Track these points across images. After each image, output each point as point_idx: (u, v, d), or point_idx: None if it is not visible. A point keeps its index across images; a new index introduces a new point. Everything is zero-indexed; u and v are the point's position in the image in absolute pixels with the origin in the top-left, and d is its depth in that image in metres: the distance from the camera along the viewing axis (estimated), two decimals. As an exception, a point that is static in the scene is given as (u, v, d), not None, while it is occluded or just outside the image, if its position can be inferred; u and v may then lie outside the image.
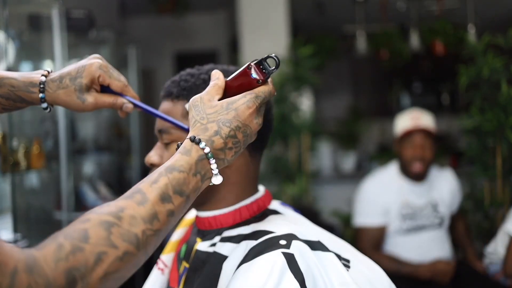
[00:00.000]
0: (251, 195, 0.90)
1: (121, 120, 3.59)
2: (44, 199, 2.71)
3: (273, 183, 3.38)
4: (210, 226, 0.89)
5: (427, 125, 2.24)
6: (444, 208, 2.28)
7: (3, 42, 1.93)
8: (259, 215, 0.89)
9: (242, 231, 0.85)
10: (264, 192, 0.93)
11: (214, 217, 0.89)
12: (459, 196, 2.41)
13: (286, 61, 3.38)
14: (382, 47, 4.75)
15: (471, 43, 2.58)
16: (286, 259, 0.74)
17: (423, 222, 2.23)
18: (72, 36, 2.74)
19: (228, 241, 0.84)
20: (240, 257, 0.78)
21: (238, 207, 0.88)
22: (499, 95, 2.34)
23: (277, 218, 0.87)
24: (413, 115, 2.29)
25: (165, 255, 1.03)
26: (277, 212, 0.90)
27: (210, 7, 5.45)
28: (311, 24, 5.35)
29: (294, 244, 0.77)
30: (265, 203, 0.91)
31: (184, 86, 0.87)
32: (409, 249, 2.18)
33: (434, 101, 6.24)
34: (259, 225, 0.84)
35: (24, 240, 1.97)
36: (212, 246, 0.86)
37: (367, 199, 2.26)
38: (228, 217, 0.88)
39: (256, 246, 0.77)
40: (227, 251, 0.82)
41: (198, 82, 0.87)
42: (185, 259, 0.94)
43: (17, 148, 2.05)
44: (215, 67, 0.90)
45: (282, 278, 0.72)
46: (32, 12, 2.50)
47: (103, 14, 4.03)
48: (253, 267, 0.74)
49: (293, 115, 3.37)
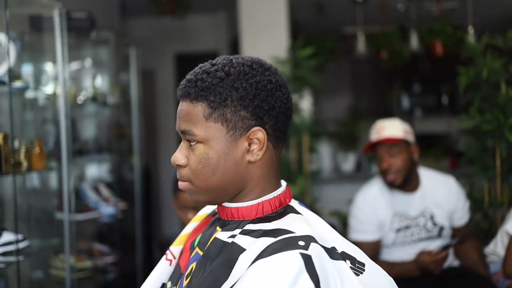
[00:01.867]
0: (275, 189, 0.91)
1: (122, 121, 3.60)
2: (45, 200, 2.72)
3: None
4: (232, 217, 0.90)
5: (390, 134, 2.10)
6: (442, 219, 2.14)
7: (5, 43, 1.94)
8: (280, 211, 0.89)
9: (263, 226, 0.85)
10: (286, 187, 0.94)
11: (237, 209, 0.90)
12: (461, 207, 2.18)
13: (286, 62, 3.39)
14: (382, 47, 4.76)
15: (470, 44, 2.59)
16: (304, 260, 0.75)
17: (420, 233, 2.13)
18: (73, 37, 2.75)
19: (248, 235, 0.85)
20: (257, 252, 0.79)
21: (261, 201, 0.89)
22: (498, 95, 2.35)
23: (298, 218, 0.87)
24: (376, 127, 2.17)
25: (174, 247, 1.04)
26: (297, 212, 0.90)
27: (210, 8, 5.46)
28: (311, 25, 5.36)
29: (312, 246, 0.78)
30: (286, 199, 0.92)
31: (202, 86, 0.86)
32: (406, 260, 2.13)
33: (434, 101, 6.25)
34: (280, 223, 0.85)
35: (25, 241, 1.97)
36: (231, 237, 0.87)
37: (359, 219, 2.16)
38: (251, 210, 0.89)
39: (274, 244, 0.78)
40: (246, 244, 0.83)
41: (215, 81, 0.85)
42: (199, 246, 0.95)
43: (18, 148, 2.06)
44: (230, 60, 0.89)
45: (298, 279, 0.73)
46: (33, 13, 2.50)
47: (104, 15, 4.04)
48: (270, 264, 0.75)
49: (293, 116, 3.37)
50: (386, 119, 2.22)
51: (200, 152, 0.86)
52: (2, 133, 1.89)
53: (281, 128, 0.89)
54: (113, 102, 3.31)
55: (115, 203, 3.01)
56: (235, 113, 0.85)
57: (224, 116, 0.85)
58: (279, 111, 0.87)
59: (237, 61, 0.88)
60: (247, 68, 0.86)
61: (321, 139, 4.40)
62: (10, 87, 1.92)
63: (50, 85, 2.57)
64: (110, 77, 3.43)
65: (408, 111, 6.23)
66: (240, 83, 0.85)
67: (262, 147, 0.86)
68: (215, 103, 0.85)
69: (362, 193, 2.23)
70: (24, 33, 2.50)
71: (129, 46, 3.57)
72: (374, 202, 2.16)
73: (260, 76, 0.86)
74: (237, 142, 0.86)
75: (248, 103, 0.85)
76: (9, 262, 1.90)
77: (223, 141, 0.85)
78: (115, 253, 3.00)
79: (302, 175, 3.36)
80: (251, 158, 0.87)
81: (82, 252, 2.74)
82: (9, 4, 1.89)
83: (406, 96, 6.28)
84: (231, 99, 0.84)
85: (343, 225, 3.39)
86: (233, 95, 0.84)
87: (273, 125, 0.87)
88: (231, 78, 0.85)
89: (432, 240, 2.15)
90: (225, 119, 0.85)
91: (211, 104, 0.85)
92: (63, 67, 2.35)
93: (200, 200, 0.90)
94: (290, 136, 3.36)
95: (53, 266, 2.55)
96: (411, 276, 2.02)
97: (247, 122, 0.85)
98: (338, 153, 4.87)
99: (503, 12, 5.11)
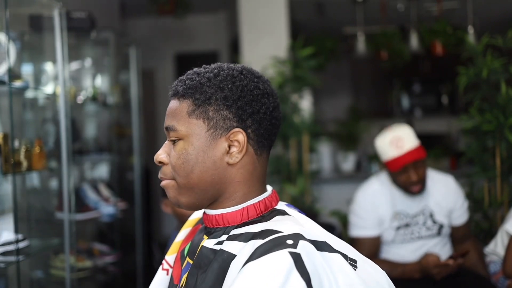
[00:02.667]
0: (258, 194, 0.91)
1: (122, 121, 3.60)
2: (45, 200, 2.72)
3: (274, 183, 3.39)
4: (218, 224, 0.91)
5: (411, 147, 2.05)
6: (441, 217, 2.16)
7: (5, 43, 1.94)
8: (266, 215, 0.89)
9: (250, 229, 0.85)
10: (272, 192, 0.94)
11: (221, 215, 0.90)
12: (459, 205, 2.19)
13: (286, 62, 3.39)
14: (382, 48, 4.76)
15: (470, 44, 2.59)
16: (293, 258, 0.75)
17: (419, 231, 2.14)
18: (73, 37, 2.75)
19: (235, 240, 0.85)
20: (247, 255, 0.79)
21: (245, 206, 0.89)
22: (498, 95, 2.35)
23: (284, 218, 0.87)
24: (392, 139, 2.07)
25: (169, 256, 1.04)
26: (285, 213, 0.90)
27: (210, 8, 5.46)
28: (311, 25, 5.36)
29: (301, 244, 0.77)
30: (272, 203, 0.92)
31: (190, 84, 0.88)
32: (407, 258, 2.13)
33: (434, 101, 6.25)
34: (267, 224, 0.85)
35: (25, 240, 1.98)
36: (218, 244, 0.87)
37: (359, 215, 2.17)
38: (236, 216, 0.89)
39: (263, 245, 0.78)
40: (236, 250, 0.83)
41: (202, 80, 0.88)
42: (189, 256, 0.95)
43: (18, 148, 2.06)
44: (221, 65, 0.91)
45: (289, 278, 0.73)
46: (33, 13, 2.50)
47: (104, 15, 4.04)
48: (260, 266, 0.75)
49: (293, 116, 3.38)
50: (396, 128, 2.14)
51: (180, 147, 0.88)
52: (2, 133, 1.89)
53: (264, 135, 0.89)
54: (113, 102, 3.31)
55: (115, 203, 3.01)
56: (217, 111, 0.86)
57: (206, 114, 0.87)
58: (263, 117, 0.88)
59: (228, 66, 0.91)
60: (236, 73, 0.89)
61: (321, 139, 4.41)
62: (10, 87, 1.92)
63: (50, 85, 2.57)
64: (110, 77, 3.43)
65: (408, 111, 6.23)
66: (226, 84, 0.87)
67: (242, 149, 0.87)
68: (199, 101, 0.87)
69: (362, 190, 2.24)
70: (24, 33, 2.50)
71: (129, 46, 3.58)
72: (374, 198, 2.17)
73: (248, 81, 0.88)
74: (217, 141, 0.87)
75: (231, 103, 0.86)
76: (9, 262, 1.90)
77: (203, 138, 0.87)
78: (115, 253, 3.00)
79: (302, 175, 3.36)
80: (230, 160, 0.87)
81: (82, 252, 2.74)
82: (9, 4, 1.89)
83: (406, 96, 6.28)
84: (215, 98, 0.86)
85: (344, 225, 3.39)
86: (218, 94, 0.86)
87: (256, 130, 0.88)
88: (219, 79, 0.87)
89: (431, 238, 2.16)
90: (207, 117, 0.87)
91: (196, 101, 0.87)
92: (63, 67, 2.35)
93: (180, 200, 0.91)
94: (290, 136, 3.36)
95: (53, 266, 2.55)
96: (412, 277, 2.03)
97: (229, 122, 0.87)
98: (338, 153, 4.88)
99: (503, 12, 5.11)
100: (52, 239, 2.44)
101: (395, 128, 2.13)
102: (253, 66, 0.99)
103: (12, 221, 1.91)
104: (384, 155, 2.10)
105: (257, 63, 3.43)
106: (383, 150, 2.10)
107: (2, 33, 1.98)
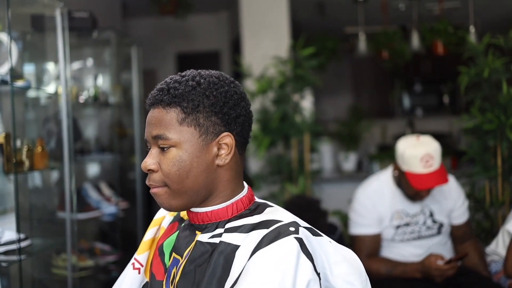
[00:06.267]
0: (242, 189, 0.99)
1: (124, 121, 3.60)
2: (47, 199, 2.73)
3: (275, 183, 3.39)
4: (209, 220, 0.96)
5: (437, 167, 2.01)
6: (441, 216, 2.15)
7: (7, 43, 1.95)
8: (253, 207, 0.97)
9: (247, 221, 0.93)
10: (247, 187, 1.01)
11: (211, 212, 0.96)
12: (460, 205, 2.19)
13: (287, 62, 3.39)
14: (383, 47, 4.75)
15: (471, 43, 2.59)
16: (299, 242, 0.86)
17: (420, 230, 2.14)
18: (74, 37, 2.76)
19: (235, 232, 0.92)
20: (253, 244, 0.87)
21: (234, 201, 0.96)
22: (500, 95, 2.35)
23: (277, 209, 0.96)
24: (424, 156, 2.00)
25: (140, 255, 1.08)
26: (269, 205, 0.98)
27: (212, 8, 5.46)
28: (312, 25, 5.36)
29: (301, 230, 0.88)
30: (252, 196, 1.00)
31: (175, 93, 0.92)
32: (407, 256, 2.13)
33: (435, 101, 6.24)
34: (264, 216, 0.93)
35: (27, 240, 1.98)
36: (214, 237, 0.93)
37: (359, 212, 2.17)
38: (226, 211, 0.96)
39: (268, 234, 0.87)
40: (238, 241, 0.90)
41: (187, 89, 0.92)
42: (175, 251, 0.99)
43: (20, 148, 2.07)
44: (198, 72, 0.96)
45: (299, 259, 0.84)
46: (35, 13, 2.51)
47: (105, 15, 4.05)
48: (271, 252, 0.85)
49: (294, 116, 3.38)
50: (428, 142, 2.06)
51: (173, 155, 0.92)
52: (4, 132, 1.89)
53: (245, 135, 0.98)
54: (115, 101, 3.32)
55: (117, 203, 3.02)
56: (207, 118, 0.92)
57: (197, 121, 0.92)
58: (244, 119, 0.96)
59: (205, 73, 0.96)
60: (215, 79, 0.95)
61: (322, 139, 4.41)
62: (12, 87, 1.92)
63: (52, 84, 2.57)
64: (111, 76, 3.43)
65: (409, 110, 6.22)
66: (211, 91, 0.93)
67: (230, 151, 0.94)
68: (188, 109, 0.92)
69: (362, 188, 2.24)
70: (26, 33, 2.51)
71: (130, 45, 3.58)
72: (374, 197, 2.18)
73: (227, 87, 0.95)
74: (208, 146, 0.93)
75: (218, 110, 0.93)
76: (11, 261, 1.90)
77: (196, 145, 0.92)
78: (116, 252, 3.01)
79: (303, 175, 3.36)
80: (220, 162, 0.94)
81: (83, 251, 2.74)
82: (11, 4, 1.89)
83: (407, 95, 6.28)
84: (203, 106, 0.92)
85: (345, 225, 3.39)
86: (205, 102, 0.92)
87: (239, 132, 0.96)
88: (202, 87, 0.93)
89: (431, 237, 2.16)
90: (198, 124, 0.92)
91: (185, 109, 0.92)
92: (64, 66, 2.35)
93: (173, 205, 0.95)
94: (292, 136, 3.36)
95: (55, 265, 2.55)
96: (413, 277, 2.03)
97: (218, 128, 0.93)
98: (339, 153, 4.88)
99: (505, 12, 5.11)
100: (54, 238, 2.45)
101: (428, 142, 2.06)
102: (254, 65, 1.02)
103: (14, 221, 1.91)
104: (410, 167, 2.03)
105: (258, 63, 3.43)
106: (411, 162, 2.02)
107: (4, 33, 1.98)
